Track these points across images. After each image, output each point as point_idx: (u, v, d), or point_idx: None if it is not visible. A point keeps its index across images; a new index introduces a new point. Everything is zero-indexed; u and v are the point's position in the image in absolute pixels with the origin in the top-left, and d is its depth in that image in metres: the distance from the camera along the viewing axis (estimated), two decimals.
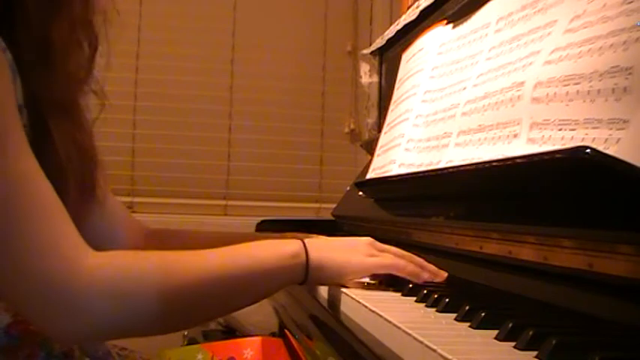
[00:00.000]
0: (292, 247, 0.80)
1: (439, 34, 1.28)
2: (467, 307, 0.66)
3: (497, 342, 0.57)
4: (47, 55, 0.75)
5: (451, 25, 1.24)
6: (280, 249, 0.79)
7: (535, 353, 0.51)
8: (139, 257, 0.74)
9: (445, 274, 0.87)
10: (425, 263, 0.87)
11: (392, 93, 1.49)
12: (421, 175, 1.06)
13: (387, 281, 0.86)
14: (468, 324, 0.63)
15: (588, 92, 0.72)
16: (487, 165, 0.82)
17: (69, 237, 0.68)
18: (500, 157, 0.84)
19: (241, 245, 0.79)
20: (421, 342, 0.55)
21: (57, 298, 0.65)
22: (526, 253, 0.75)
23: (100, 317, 0.67)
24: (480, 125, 0.95)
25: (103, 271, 0.68)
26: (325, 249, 0.82)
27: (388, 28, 1.74)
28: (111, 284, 0.68)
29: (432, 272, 0.86)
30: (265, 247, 0.80)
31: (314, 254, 0.80)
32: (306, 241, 0.81)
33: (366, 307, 0.73)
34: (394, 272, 0.84)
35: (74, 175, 0.78)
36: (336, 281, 0.84)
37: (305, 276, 0.79)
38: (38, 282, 0.65)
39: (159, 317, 0.70)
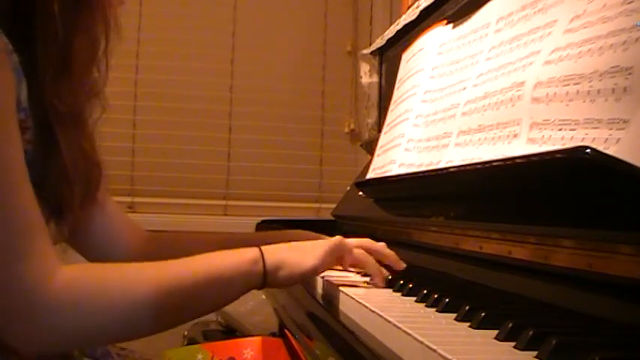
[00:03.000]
0: (250, 254, 0.82)
1: (439, 34, 1.28)
2: (467, 307, 0.66)
3: (497, 342, 0.57)
4: (67, 67, 0.76)
5: (451, 25, 1.24)
6: (239, 256, 0.82)
7: (535, 353, 0.51)
8: (102, 272, 0.77)
9: (404, 265, 0.93)
10: (385, 249, 0.93)
11: (392, 93, 1.49)
12: (421, 175, 1.06)
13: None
14: (468, 324, 0.63)
15: (588, 92, 0.72)
16: (487, 165, 0.82)
17: (40, 249, 0.70)
18: (500, 157, 0.84)
19: (204, 255, 0.81)
20: (421, 342, 0.55)
21: (20, 309, 0.68)
22: (526, 253, 0.74)
23: (61, 330, 0.70)
24: (479, 125, 0.95)
25: (67, 287, 0.70)
26: (281, 251, 0.85)
27: (388, 28, 1.74)
28: (73, 300, 0.70)
29: (391, 258, 0.92)
30: (225, 256, 0.83)
31: (270, 258, 0.83)
32: (264, 247, 0.84)
33: (366, 307, 0.73)
34: (360, 263, 0.90)
35: (79, 182, 0.79)
36: (293, 280, 0.86)
37: (263, 279, 0.82)
38: (3, 291, 0.67)
39: (121, 328, 0.74)
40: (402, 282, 0.85)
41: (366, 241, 0.93)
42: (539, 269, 0.71)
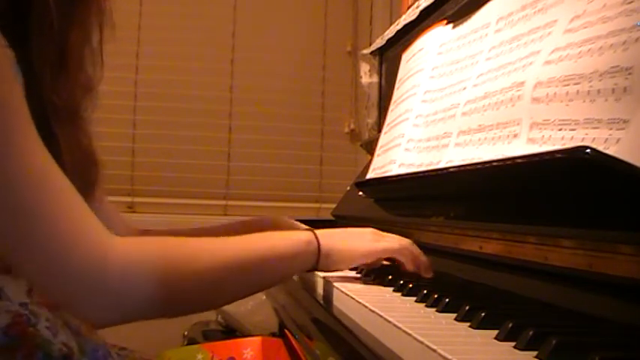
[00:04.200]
0: (305, 235, 0.86)
1: (439, 34, 1.28)
2: (467, 307, 0.66)
3: (497, 342, 0.57)
4: (63, 62, 0.76)
5: (451, 25, 1.24)
6: (294, 237, 0.85)
7: (535, 353, 0.51)
8: (161, 242, 0.78)
9: (431, 274, 0.93)
10: (420, 255, 0.93)
11: (392, 93, 1.49)
12: (421, 175, 1.06)
13: (377, 277, 0.92)
14: (468, 324, 0.63)
15: (588, 92, 0.72)
16: (487, 165, 0.82)
17: (95, 222, 0.70)
18: (500, 157, 0.84)
19: (257, 234, 0.83)
20: (421, 342, 0.55)
21: (91, 281, 0.68)
22: (526, 253, 0.74)
23: (129, 298, 0.70)
24: (479, 125, 0.95)
25: (134, 254, 0.71)
26: (334, 237, 0.88)
27: (388, 28, 1.74)
28: (139, 267, 0.70)
29: (424, 266, 0.92)
30: (280, 235, 0.85)
31: (324, 241, 0.86)
32: (316, 230, 0.87)
33: (366, 307, 0.73)
34: (398, 257, 0.91)
35: (78, 179, 0.78)
36: (345, 266, 0.90)
37: (316, 262, 0.85)
38: (71, 266, 0.67)
39: (184, 300, 0.75)
40: (402, 282, 0.85)
41: (411, 245, 0.94)
42: (539, 269, 0.71)
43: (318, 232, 0.87)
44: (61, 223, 0.68)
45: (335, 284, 0.88)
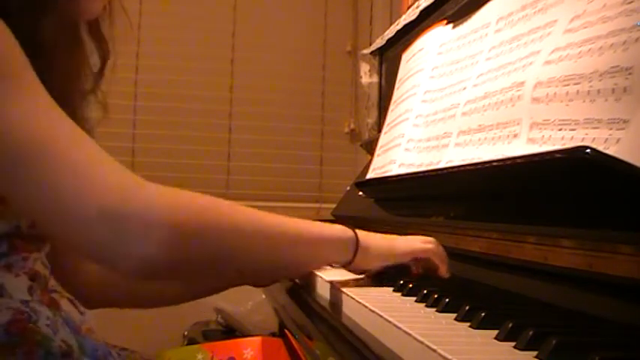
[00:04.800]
0: (342, 227, 0.85)
1: (439, 34, 1.28)
2: (467, 307, 0.66)
3: (497, 342, 0.57)
4: (38, 48, 0.74)
5: (451, 25, 1.24)
6: (331, 226, 0.85)
7: (535, 353, 0.51)
8: (196, 195, 0.76)
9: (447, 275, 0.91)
10: (445, 257, 0.92)
11: (392, 93, 1.49)
12: (421, 175, 1.06)
13: (374, 277, 0.91)
14: (468, 324, 0.63)
15: (588, 92, 0.72)
16: (487, 165, 0.82)
17: (113, 164, 0.71)
18: (500, 157, 0.84)
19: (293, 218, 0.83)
20: (421, 342, 0.55)
21: (108, 220, 0.66)
22: (526, 253, 0.74)
23: (146, 240, 0.67)
24: (479, 125, 0.95)
25: (163, 198, 0.71)
26: (371, 234, 0.87)
27: (388, 28, 1.74)
28: (169, 212, 0.70)
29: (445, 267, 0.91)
30: (316, 222, 0.85)
31: (362, 236, 0.85)
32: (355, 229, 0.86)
33: (366, 307, 0.73)
34: (434, 259, 0.89)
35: None
36: (382, 262, 0.88)
37: (353, 254, 0.84)
38: (88, 204, 0.66)
39: (214, 256, 0.74)
40: (402, 282, 0.85)
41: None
42: (539, 269, 0.71)
43: (357, 230, 0.86)
44: (77, 162, 0.68)
45: (335, 285, 0.88)
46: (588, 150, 0.59)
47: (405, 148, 1.24)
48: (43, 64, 0.74)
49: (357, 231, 0.86)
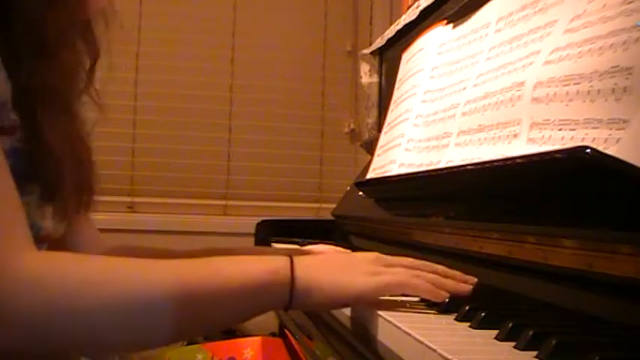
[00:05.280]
0: (273, 263, 0.67)
1: (439, 34, 1.28)
2: (467, 307, 0.66)
3: (497, 342, 0.57)
4: (42, 44, 0.73)
5: (451, 25, 1.24)
6: (256, 263, 0.68)
7: (535, 353, 0.51)
8: (81, 260, 0.66)
9: (469, 287, 0.75)
10: (447, 272, 0.76)
11: (392, 93, 1.49)
12: (421, 175, 1.06)
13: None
14: (468, 324, 0.63)
15: (588, 92, 0.72)
16: (487, 165, 0.82)
17: (4, 231, 0.61)
18: (500, 157, 0.84)
19: (212, 258, 0.69)
20: (421, 342, 0.55)
21: None
22: (526, 253, 0.74)
23: (29, 326, 0.59)
24: (480, 125, 0.95)
25: (35, 272, 0.60)
26: (316, 267, 0.70)
27: (388, 28, 1.74)
28: (41, 287, 0.60)
29: (452, 286, 0.73)
30: (234, 260, 0.70)
31: (302, 272, 0.67)
32: (295, 258, 0.69)
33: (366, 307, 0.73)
34: (407, 292, 0.72)
35: (69, 170, 0.77)
36: (329, 307, 0.75)
37: (289, 298, 0.67)
38: None
39: (96, 330, 0.62)
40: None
41: (409, 261, 0.76)
42: (539, 269, 0.71)
43: (300, 259, 0.69)
44: None
45: None
46: (588, 150, 0.59)
47: (405, 148, 1.24)
48: (44, 64, 0.74)
49: (298, 263, 0.67)
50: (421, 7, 1.46)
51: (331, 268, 0.71)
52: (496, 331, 0.58)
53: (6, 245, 0.61)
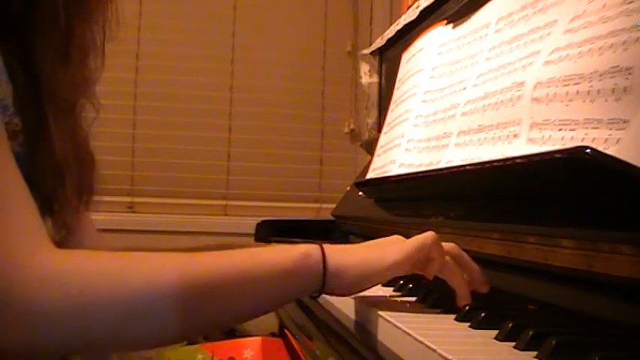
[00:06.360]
0: (304, 248, 0.68)
1: (439, 34, 1.28)
2: (467, 307, 0.66)
3: (497, 342, 0.57)
4: (67, 52, 0.74)
5: (451, 25, 1.24)
6: (287, 250, 0.68)
7: (535, 353, 0.52)
8: (100, 255, 0.66)
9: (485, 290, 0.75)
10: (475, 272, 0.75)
11: (392, 93, 1.49)
12: (421, 175, 1.06)
13: (424, 298, 0.77)
14: (468, 324, 0.63)
15: (588, 92, 0.72)
16: (487, 165, 0.82)
17: (24, 228, 0.61)
18: (500, 157, 0.84)
19: (233, 250, 0.69)
20: (421, 342, 0.55)
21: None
22: (526, 253, 0.74)
23: (53, 326, 0.59)
24: (480, 125, 0.95)
25: (60, 267, 0.60)
26: (347, 250, 0.71)
27: (388, 28, 1.74)
28: (67, 283, 0.60)
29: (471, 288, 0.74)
30: (266, 249, 0.72)
31: (332, 256, 0.68)
32: (325, 245, 0.69)
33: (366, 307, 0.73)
34: (436, 265, 0.72)
35: (70, 172, 0.77)
36: (366, 285, 0.71)
37: (322, 281, 0.67)
38: None
39: (138, 326, 0.62)
40: (402, 282, 0.85)
41: (455, 247, 0.76)
42: (539, 269, 0.71)
43: (329, 246, 0.69)
44: None
45: None
46: (588, 150, 0.59)
47: (405, 148, 1.24)
48: (67, 63, 0.74)
49: (328, 249, 0.68)
50: (421, 7, 1.46)
51: (359, 248, 0.72)
52: (496, 331, 0.58)
53: (29, 241, 0.61)
